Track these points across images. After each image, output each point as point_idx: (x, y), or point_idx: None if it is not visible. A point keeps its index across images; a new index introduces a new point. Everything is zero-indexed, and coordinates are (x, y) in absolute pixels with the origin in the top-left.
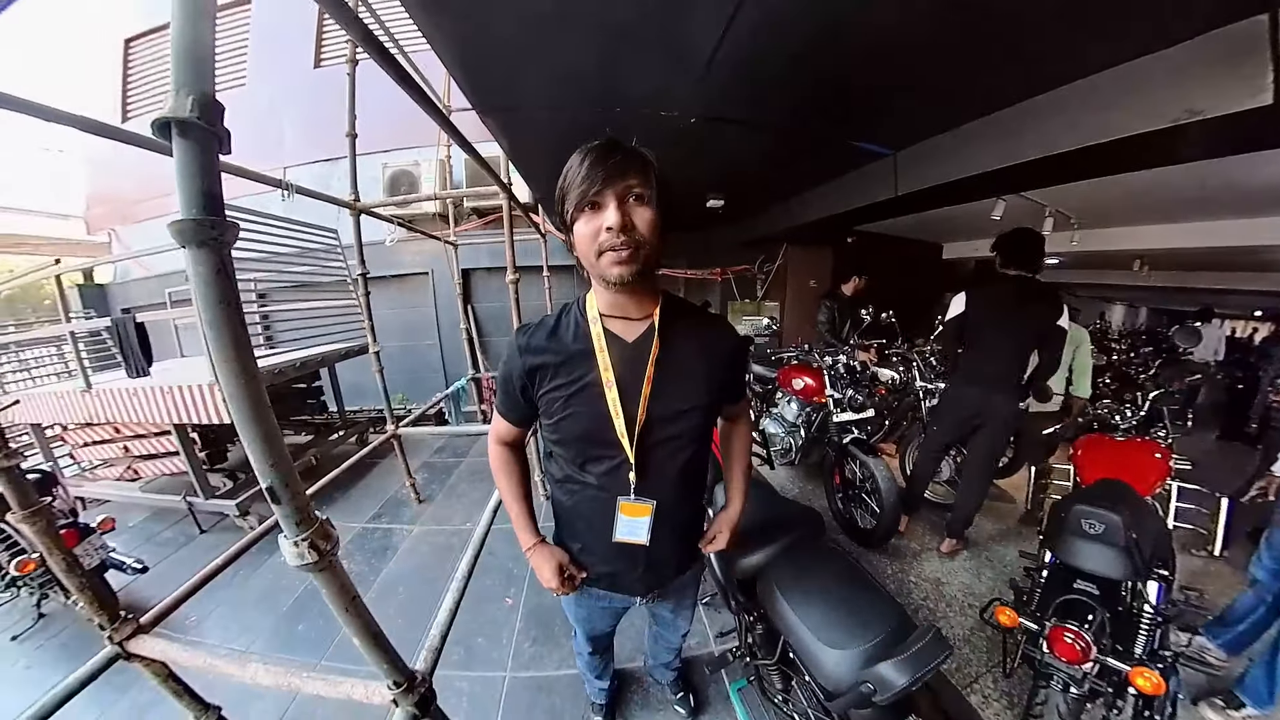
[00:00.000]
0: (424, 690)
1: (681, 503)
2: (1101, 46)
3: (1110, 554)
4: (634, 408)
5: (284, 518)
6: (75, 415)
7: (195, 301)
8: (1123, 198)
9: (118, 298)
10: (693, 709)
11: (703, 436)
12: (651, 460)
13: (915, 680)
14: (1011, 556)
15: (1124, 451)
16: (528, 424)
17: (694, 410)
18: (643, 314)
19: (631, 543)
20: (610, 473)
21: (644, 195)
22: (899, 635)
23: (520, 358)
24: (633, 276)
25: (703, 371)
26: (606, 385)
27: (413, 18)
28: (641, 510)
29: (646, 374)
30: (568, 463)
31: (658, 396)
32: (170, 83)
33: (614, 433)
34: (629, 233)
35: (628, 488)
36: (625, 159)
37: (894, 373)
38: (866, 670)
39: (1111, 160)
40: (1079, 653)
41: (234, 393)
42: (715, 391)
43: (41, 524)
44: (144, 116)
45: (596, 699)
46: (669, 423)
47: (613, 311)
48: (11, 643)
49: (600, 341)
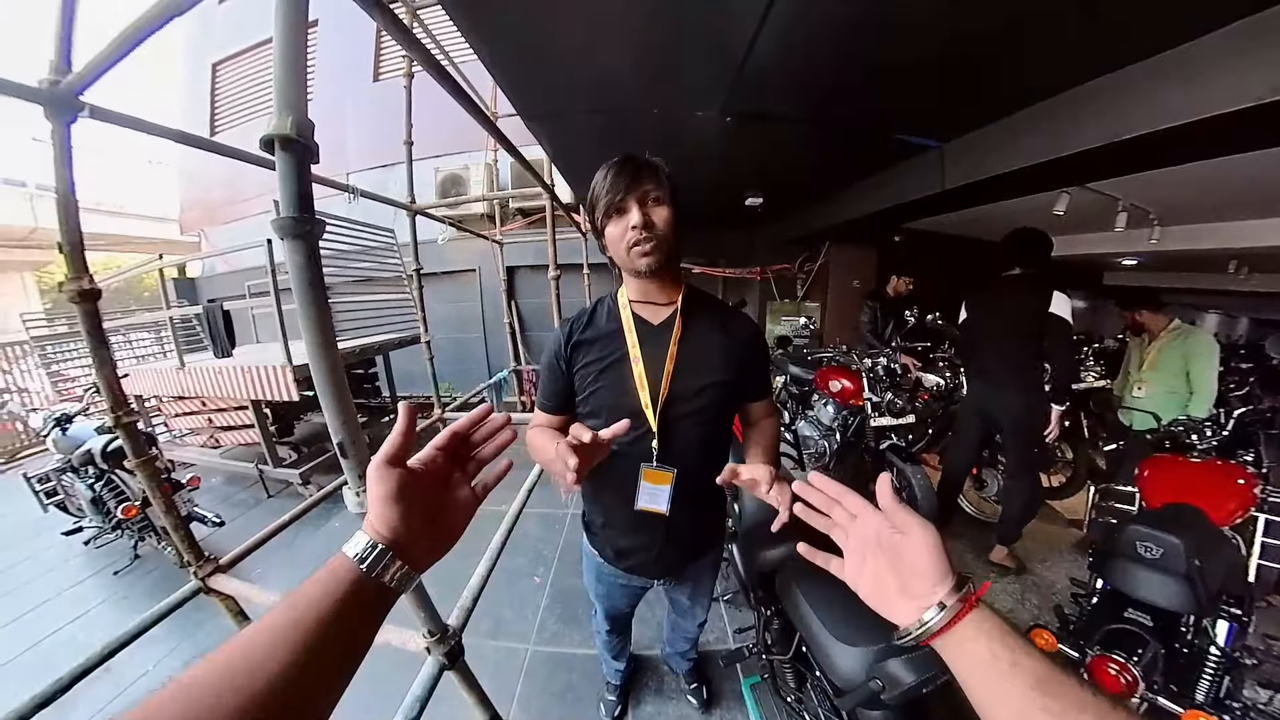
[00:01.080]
0: (454, 643)
1: (700, 478)
2: (1182, 16)
3: (1168, 582)
4: (658, 381)
5: (349, 470)
6: (170, 389)
7: (292, 284)
8: (1211, 189)
9: (205, 290)
10: (705, 700)
11: (721, 414)
12: (673, 431)
13: (923, 681)
14: (1062, 584)
15: (1198, 474)
16: (565, 413)
17: (713, 386)
18: (667, 300)
19: (652, 511)
20: (635, 441)
21: (660, 197)
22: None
23: (563, 338)
24: (658, 265)
25: (721, 351)
26: (634, 360)
27: (466, 39)
28: (662, 478)
29: (670, 351)
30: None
31: (679, 373)
32: (273, 105)
33: (639, 403)
34: (650, 229)
35: (650, 455)
36: (641, 169)
37: (939, 378)
38: (876, 667)
39: (1187, 146)
40: (1123, 686)
41: (316, 361)
42: (734, 371)
43: (150, 471)
44: (230, 130)
45: (611, 679)
46: (690, 398)
47: (641, 298)
48: (114, 576)
49: (629, 323)
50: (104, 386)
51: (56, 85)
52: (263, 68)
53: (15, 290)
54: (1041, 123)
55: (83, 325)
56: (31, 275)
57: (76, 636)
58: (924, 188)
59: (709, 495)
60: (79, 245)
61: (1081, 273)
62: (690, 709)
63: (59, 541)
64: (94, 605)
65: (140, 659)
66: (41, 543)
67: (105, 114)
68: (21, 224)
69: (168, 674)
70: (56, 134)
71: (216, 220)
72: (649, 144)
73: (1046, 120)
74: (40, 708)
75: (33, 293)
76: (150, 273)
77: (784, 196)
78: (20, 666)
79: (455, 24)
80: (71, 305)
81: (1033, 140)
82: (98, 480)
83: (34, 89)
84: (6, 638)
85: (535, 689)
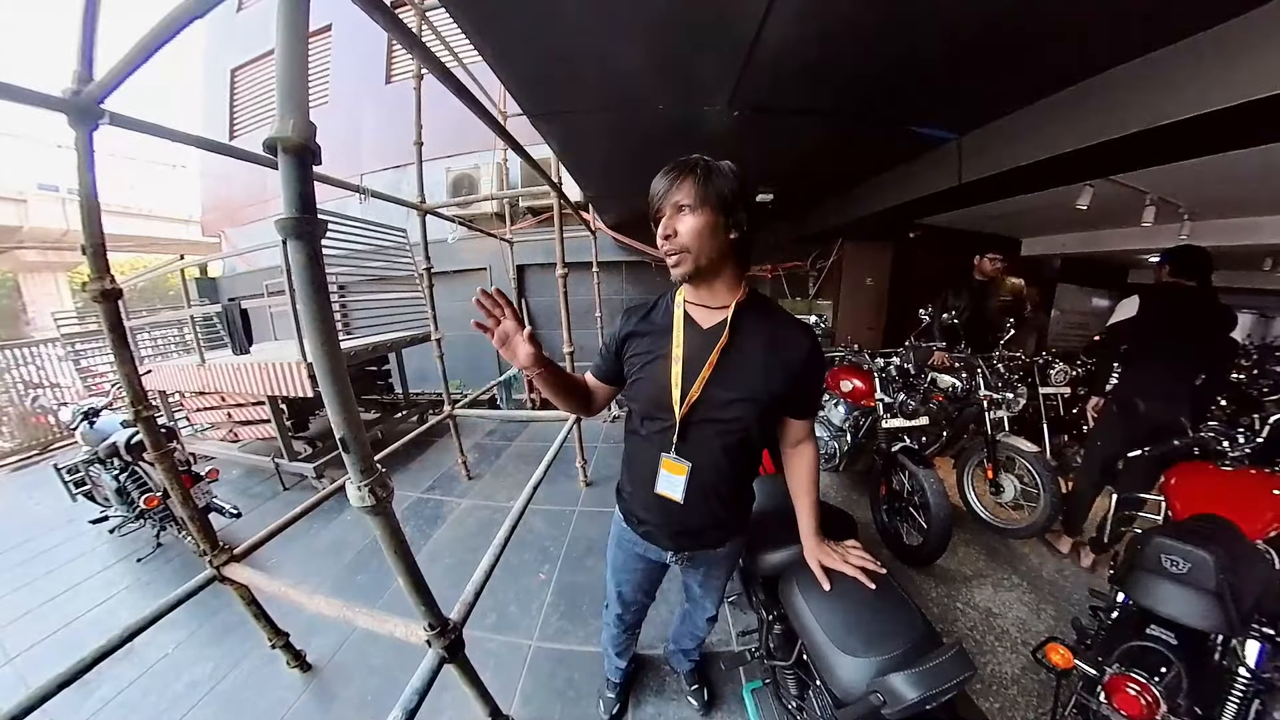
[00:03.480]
0: (454, 637)
1: (717, 479)
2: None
3: (1194, 598)
4: (690, 384)
5: (351, 465)
6: (192, 384)
7: (294, 284)
8: (1243, 180)
9: (226, 289)
10: (705, 703)
11: (749, 428)
12: (696, 432)
13: (927, 697)
14: (1080, 595)
15: (1230, 483)
16: (610, 384)
17: (745, 401)
18: (720, 304)
19: (668, 497)
20: (660, 431)
21: (688, 206)
22: (920, 650)
23: (622, 325)
24: (687, 274)
25: (762, 368)
26: (674, 360)
27: (472, 42)
28: (678, 469)
29: (710, 359)
30: (634, 416)
31: (715, 381)
32: (275, 110)
33: (670, 400)
34: (671, 239)
35: (670, 446)
36: (679, 177)
37: (955, 379)
38: (878, 680)
39: (1222, 135)
40: (1143, 708)
41: (318, 359)
42: (774, 390)
43: (168, 463)
44: (248, 134)
45: (613, 676)
46: (719, 407)
47: (695, 300)
48: (137, 563)
49: (680, 323)
50: (124, 382)
51: (79, 94)
52: None
53: (49, 290)
54: (1064, 111)
55: (104, 323)
56: (64, 276)
57: (102, 619)
58: (941, 182)
59: (727, 496)
60: (101, 247)
61: (1104, 270)
62: (691, 711)
63: (88, 529)
64: (120, 589)
65: (160, 641)
66: (73, 529)
67: (124, 120)
68: (55, 226)
69: (187, 656)
70: (80, 141)
71: (237, 221)
72: (657, 140)
73: (1069, 109)
74: (65, 684)
75: (65, 292)
76: (173, 273)
77: (795, 192)
78: (56, 641)
79: (459, 25)
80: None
81: (1055, 130)
82: (122, 471)
83: (58, 98)
84: (47, 612)
85: (538, 684)
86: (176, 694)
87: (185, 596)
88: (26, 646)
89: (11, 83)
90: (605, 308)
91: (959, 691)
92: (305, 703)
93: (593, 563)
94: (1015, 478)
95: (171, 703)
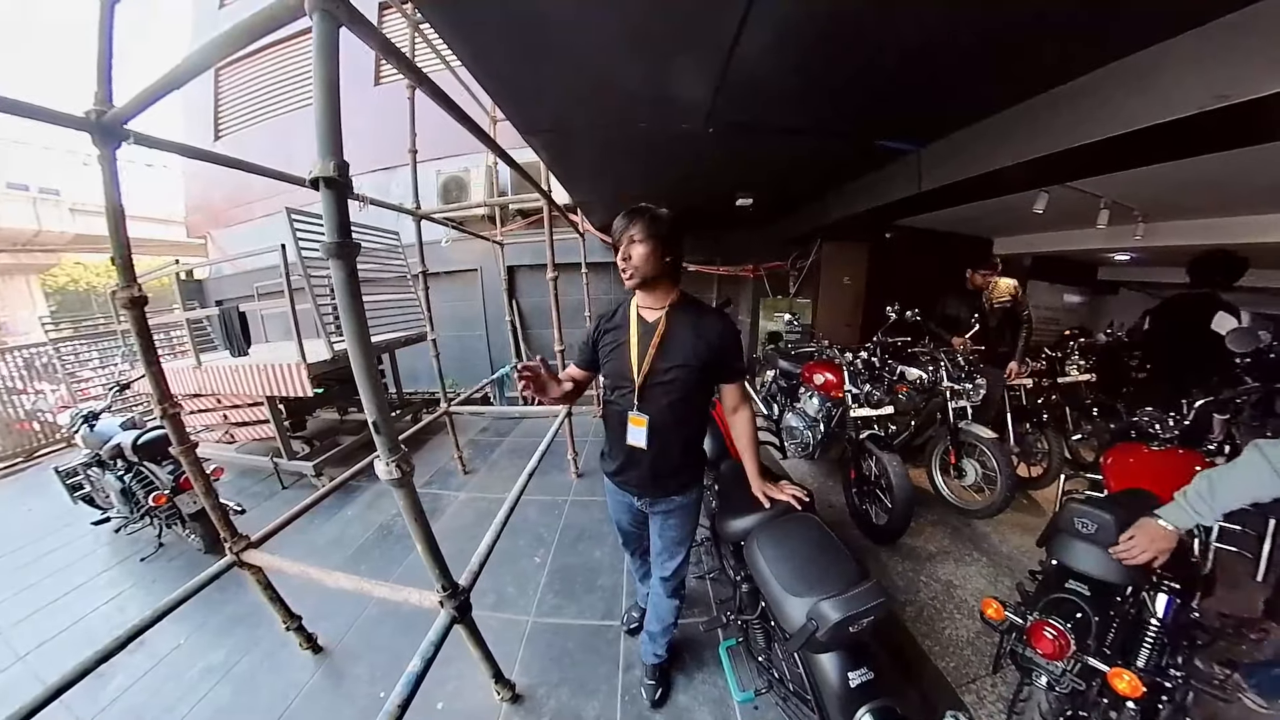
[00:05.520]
0: (464, 598)
1: (669, 427)
2: (1128, 27)
3: (1099, 554)
4: (643, 360)
5: (381, 444)
6: (187, 387)
7: (336, 293)
8: (1187, 187)
9: (212, 291)
10: (656, 700)
11: (689, 387)
12: (650, 393)
13: (849, 618)
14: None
15: (1157, 461)
16: (588, 369)
17: (679, 368)
18: (659, 305)
19: (636, 446)
20: (625, 396)
21: (638, 238)
22: (851, 587)
23: (595, 326)
24: (635, 286)
25: (691, 344)
26: (631, 345)
27: (466, 66)
28: (640, 421)
29: (653, 342)
30: (608, 389)
31: (659, 356)
32: (318, 151)
33: (631, 372)
34: (628, 263)
35: (633, 405)
36: (633, 219)
37: (921, 371)
38: (813, 608)
39: (1150, 150)
40: (1056, 648)
41: (356, 354)
42: (701, 359)
43: (192, 457)
44: (232, 134)
45: (641, 602)
46: (663, 373)
47: (643, 303)
48: (140, 563)
49: (633, 320)
50: (151, 382)
51: (103, 115)
52: (264, 73)
53: (21, 292)
54: (1013, 126)
55: (132, 328)
56: (36, 278)
57: (112, 615)
58: (904, 189)
59: (679, 444)
60: (129, 257)
61: (1074, 267)
62: (649, 689)
63: (86, 532)
64: (127, 587)
65: (173, 631)
66: (74, 532)
67: (149, 140)
68: (26, 227)
69: (199, 645)
70: (104, 159)
71: (221, 223)
72: (641, 153)
73: (1019, 124)
74: (85, 674)
75: (38, 295)
76: (163, 276)
77: (772, 198)
78: (68, 638)
79: (452, 50)
80: (73, 308)
81: (1003, 144)
82: (127, 472)
83: (82, 119)
84: (55, 612)
85: (535, 654)
86: (192, 679)
87: (207, 581)
88: (36, 645)
89: (41, 104)
90: (594, 307)
91: (879, 615)
92: (318, 681)
93: (584, 547)
94: (977, 463)
95: (188, 687)
